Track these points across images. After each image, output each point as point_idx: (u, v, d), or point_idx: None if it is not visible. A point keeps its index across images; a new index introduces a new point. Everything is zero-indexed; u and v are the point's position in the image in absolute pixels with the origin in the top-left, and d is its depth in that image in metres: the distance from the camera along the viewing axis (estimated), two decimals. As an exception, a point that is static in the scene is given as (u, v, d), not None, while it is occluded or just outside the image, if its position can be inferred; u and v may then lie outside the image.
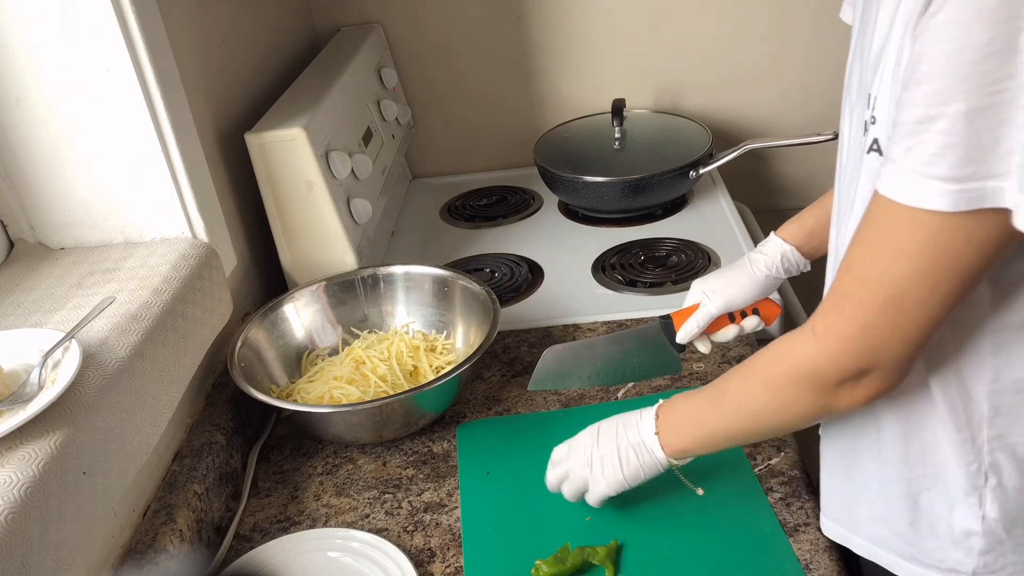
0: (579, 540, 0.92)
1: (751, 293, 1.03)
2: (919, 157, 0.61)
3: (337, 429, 1.09)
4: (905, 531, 0.82)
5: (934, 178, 0.61)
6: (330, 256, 1.30)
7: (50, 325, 0.91)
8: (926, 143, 0.61)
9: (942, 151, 0.60)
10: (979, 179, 0.60)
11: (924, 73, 0.60)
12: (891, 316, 0.68)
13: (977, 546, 0.78)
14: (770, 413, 0.80)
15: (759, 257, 1.04)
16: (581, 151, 1.64)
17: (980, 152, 0.59)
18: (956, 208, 0.61)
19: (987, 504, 0.77)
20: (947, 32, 0.58)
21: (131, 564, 0.89)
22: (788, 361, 0.77)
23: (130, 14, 0.96)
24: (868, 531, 0.86)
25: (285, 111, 1.30)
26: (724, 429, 0.85)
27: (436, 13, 1.74)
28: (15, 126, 1.00)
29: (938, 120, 0.60)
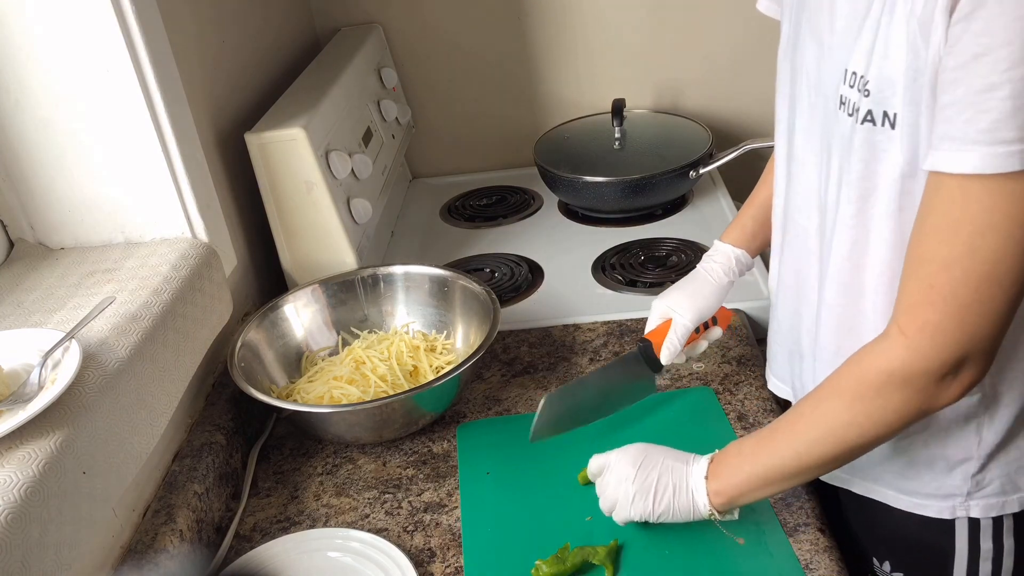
0: (579, 540, 0.92)
1: (715, 300, 1.06)
2: (981, 126, 0.63)
3: (337, 429, 1.09)
4: (903, 469, 0.88)
5: (1002, 142, 0.63)
6: (330, 256, 1.30)
7: (50, 325, 0.91)
8: (990, 111, 0.63)
9: (1009, 114, 0.62)
10: None
11: (982, 47, 0.62)
12: (986, 293, 0.68)
13: (971, 469, 0.85)
14: (858, 429, 0.76)
15: (715, 265, 1.07)
16: (581, 151, 1.64)
17: None
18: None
19: (984, 430, 0.83)
20: (1003, 5, 0.60)
21: (131, 564, 0.89)
22: (877, 368, 0.74)
23: (130, 14, 0.96)
24: (866, 472, 0.91)
25: (285, 111, 1.30)
26: (791, 464, 0.81)
27: (436, 13, 1.74)
28: (15, 126, 1.00)
29: (1002, 87, 0.61)
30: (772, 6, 0.96)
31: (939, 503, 0.88)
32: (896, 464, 0.88)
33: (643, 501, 0.87)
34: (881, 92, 0.72)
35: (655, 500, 0.87)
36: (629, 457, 0.90)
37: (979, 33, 0.62)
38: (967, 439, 0.84)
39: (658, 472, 0.88)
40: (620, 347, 1.24)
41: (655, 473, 0.88)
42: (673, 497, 0.87)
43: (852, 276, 0.83)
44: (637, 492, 0.88)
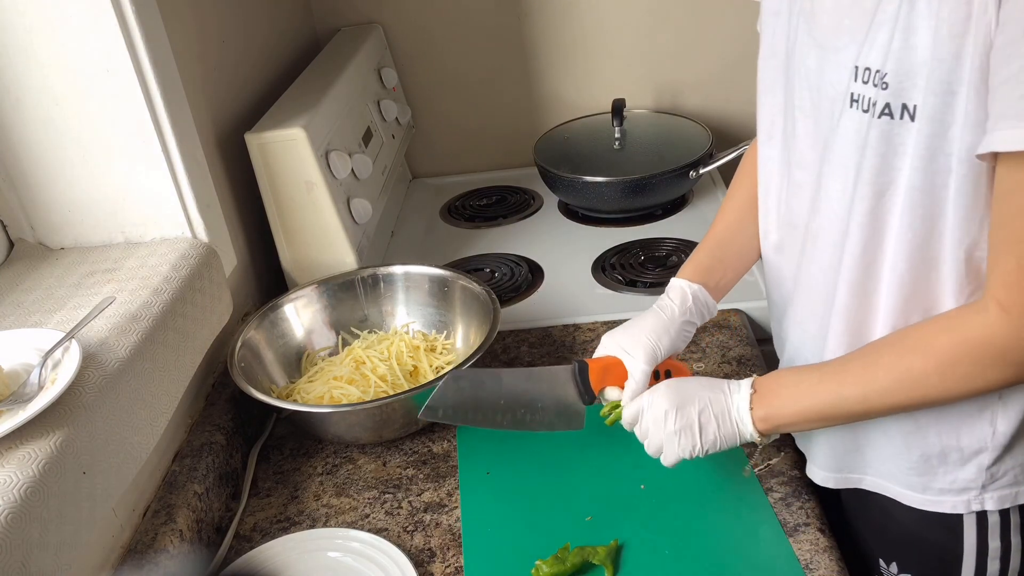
0: (579, 540, 0.92)
1: (668, 340, 0.95)
2: None
3: (337, 429, 1.09)
4: (916, 464, 0.87)
5: None
6: (330, 256, 1.30)
7: (50, 325, 0.91)
8: None
9: None
10: None
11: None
12: None
13: (986, 461, 0.85)
14: (944, 390, 0.77)
15: (667, 302, 0.99)
16: (581, 151, 1.64)
17: None
18: None
19: (998, 420, 0.83)
20: None
21: (131, 564, 0.89)
22: (976, 339, 0.74)
23: (130, 14, 0.96)
24: (877, 469, 0.91)
25: (285, 111, 1.30)
26: (856, 406, 0.81)
27: (436, 13, 1.74)
28: (15, 126, 1.00)
29: None
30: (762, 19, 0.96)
31: (954, 498, 0.88)
32: (910, 459, 0.88)
33: (689, 439, 0.87)
34: (900, 84, 0.72)
35: (701, 436, 0.86)
36: (664, 398, 0.88)
37: None
38: (981, 430, 0.84)
39: (698, 407, 0.86)
40: (620, 347, 1.24)
41: (695, 409, 0.86)
42: (718, 430, 0.86)
43: (865, 275, 0.83)
44: (682, 430, 0.86)
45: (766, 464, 1.01)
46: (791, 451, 1.03)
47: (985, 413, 0.83)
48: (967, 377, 0.76)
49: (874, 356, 0.81)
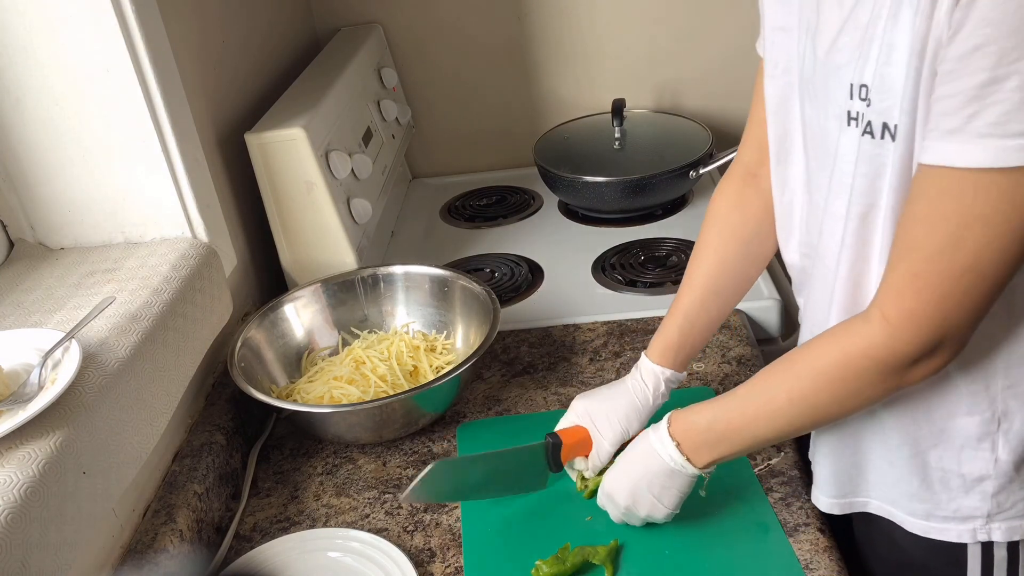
0: (579, 540, 0.92)
1: (638, 424, 0.97)
2: (987, 120, 0.62)
3: (337, 429, 1.09)
4: (918, 490, 0.85)
5: (1010, 135, 0.62)
6: (330, 256, 1.30)
7: (50, 325, 0.91)
8: (997, 104, 0.62)
9: (1018, 106, 0.61)
10: None
11: (983, 38, 0.61)
12: (968, 283, 0.68)
13: (990, 489, 0.82)
14: (838, 404, 0.78)
15: (644, 387, 0.98)
16: (581, 151, 1.64)
17: None
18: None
19: (999, 448, 0.80)
20: None
21: (131, 564, 0.89)
22: (859, 352, 0.75)
23: (130, 14, 0.96)
24: (881, 494, 0.89)
25: (285, 111, 1.30)
26: (772, 430, 0.83)
27: (436, 13, 1.74)
28: (15, 126, 1.00)
29: (1010, 78, 0.61)
30: None
31: (958, 526, 0.84)
32: (911, 484, 0.85)
33: (656, 509, 0.89)
34: (882, 102, 0.71)
35: (663, 501, 0.88)
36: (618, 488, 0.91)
37: (982, 22, 0.61)
38: (982, 457, 0.82)
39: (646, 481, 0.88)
40: (620, 347, 1.24)
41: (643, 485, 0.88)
42: (675, 487, 0.87)
43: (853, 299, 0.82)
44: (646, 506, 0.89)
45: (766, 464, 1.01)
46: (791, 451, 1.03)
47: (985, 441, 0.81)
48: (856, 392, 0.76)
49: (773, 385, 0.82)
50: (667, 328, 0.99)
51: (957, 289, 0.69)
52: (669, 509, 0.89)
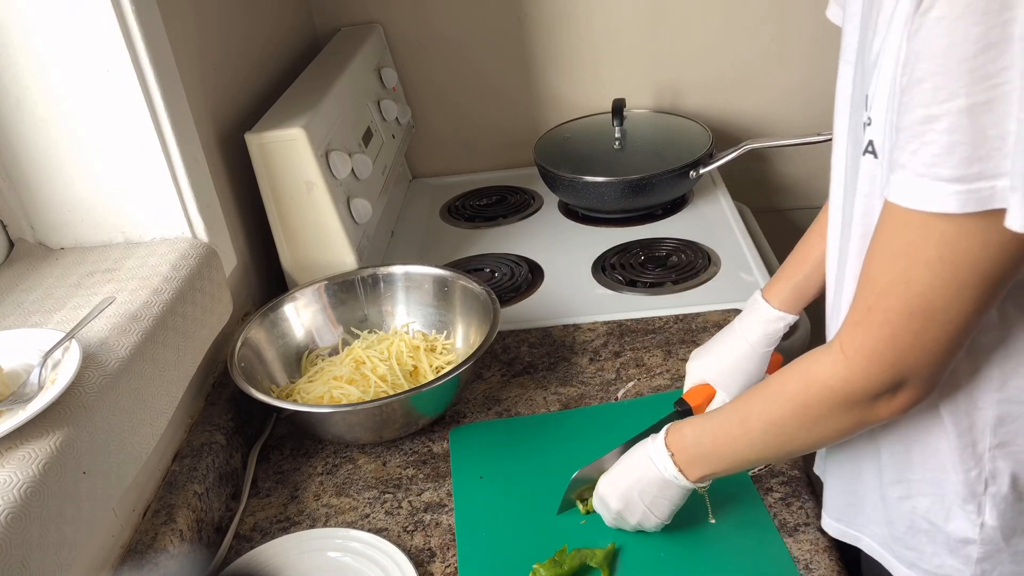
0: (575, 543, 0.91)
1: (759, 372, 0.98)
2: (923, 159, 0.60)
3: (337, 429, 1.09)
4: (904, 535, 0.82)
5: (940, 179, 0.59)
6: (330, 256, 1.30)
7: (50, 325, 0.91)
8: (930, 144, 0.59)
9: (947, 150, 0.58)
10: (986, 178, 0.58)
11: (923, 72, 0.58)
12: (919, 325, 0.66)
13: (975, 554, 0.77)
14: (805, 432, 0.77)
15: (759, 335, 0.98)
16: (581, 151, 1.64)
17: (985, 150, 0.57)
18: (964, 209, 0.59)
19: (986, 512, 0.76)
20: (940, 28, 0.57)
21: (131, 564, 0.89)
22: (819, 382, 0.74)
23: (130, 14, 0.96)
24: (873, 532, 0.86)
25: (285, 111, 1.30)
26: (753, 451, 0.82)
27: (436, 13, 1.74)
28: (15, 126, 1.00)
29: (941, 119, 0.58)
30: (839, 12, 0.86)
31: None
32: (898, 528, 0.82)
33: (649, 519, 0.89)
34: (878, 119, 0.68)
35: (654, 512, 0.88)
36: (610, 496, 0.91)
37: (921, 55, 0.58)
38: (967, 518, 0.77)
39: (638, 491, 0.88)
40: (620, 347, 1.24)
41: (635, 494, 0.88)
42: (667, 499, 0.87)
43: None
44: (639, 516, 0.89)
45: (766, 464, 1.01)
46: (791, 451, 1.03)
47: (971, 503, 0.76)
48: (821, 420, 0.75)
49: (749, 406, 0.81)
50: (790, 270, 0.99)
51: (907, 331, 0.67)
52: (659, 519, 0.89)
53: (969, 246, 0.61)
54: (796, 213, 1.90)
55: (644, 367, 1.20)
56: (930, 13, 0.57)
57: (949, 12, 0.56)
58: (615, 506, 0.90)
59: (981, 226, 0.60)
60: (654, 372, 1.19)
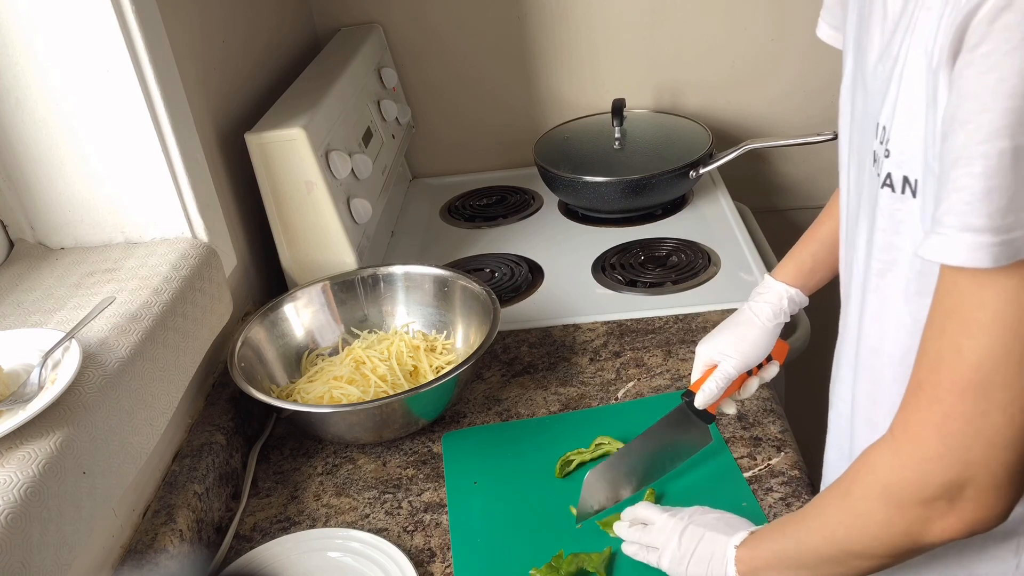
0: (571, 548, 0.91)
1: (765, 346, 0.96)
2: (954, 207, 0.54)
3: (337, 429, 1.09)
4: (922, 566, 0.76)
5: (970, 230, 0.53)
6: (330, 256, 1.30)
7: (50, 325, 0.91)
8: (962, 189, 0.53)
9: (980, 197, 0.53)
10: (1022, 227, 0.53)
11: (966, 112, 0.53)
12: (973, 405, 0.57)
13: None
14: (845, 529, 0.67)
15: (765, 307, 0.96)
16: (581, 151, 1.64)
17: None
18: (997, 263, 0.53)
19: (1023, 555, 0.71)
20: (989, 64, 0.51)
21: (131, 564, 0.89)
22: (867, 467, 0.65)
23: (130, 14, 0.96)
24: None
25: (285, 111, 1.30)
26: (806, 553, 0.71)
27: (436, 13, 1.74)
28: (15, 126, 1.00)
29: (976, 161, 0.52)
30: (835, 34, 0.85)
31: None
32: (931, 572, 0.76)
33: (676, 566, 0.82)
34: (902, 153, 0.63)
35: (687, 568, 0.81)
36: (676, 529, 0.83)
37: (964, 95, 0.53)
38: (1003, 559, 0.71)
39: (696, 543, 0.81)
40: (620, 347, 1.24)
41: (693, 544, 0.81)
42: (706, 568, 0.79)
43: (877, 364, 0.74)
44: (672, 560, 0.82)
45: (766, 464, 1.01)
46: (791, 451, 1.03)
47: (1010, 541, 0.71)
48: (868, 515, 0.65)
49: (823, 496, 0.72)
50: (800, 251, 0.97)
51: (960, 411, 0.58)
52: None
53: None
54: (796, 213, 1.90)
55: (644, 367, 1.20)
56: (979, 49, 0.52)
57: (1001, 46, 0.51)
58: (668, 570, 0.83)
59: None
60: (654, 372, 1.19)
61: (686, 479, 1.00)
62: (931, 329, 0.60)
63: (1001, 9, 0.50)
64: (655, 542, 0.85)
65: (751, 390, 0.99)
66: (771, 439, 1.05)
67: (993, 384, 0.56)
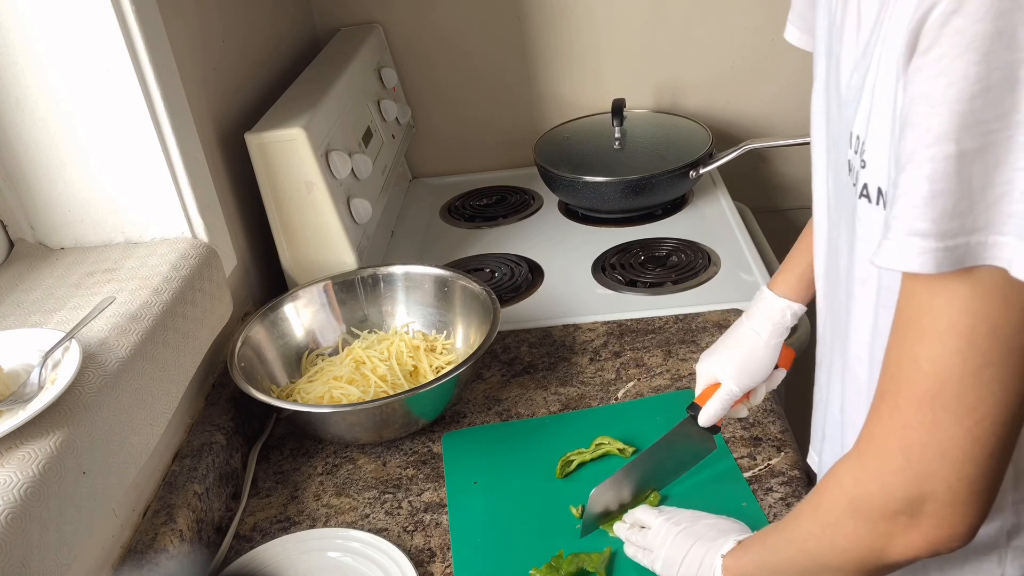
0: (571, 548, 0.91)
1: (769, 363, 0.95)
2: (901, 211, 0.53)
3: (337, 429, 1.09)
4: None
5: (916, 234, 0.53)
6: (330, 256, 1.30)
7: (50, 325, 0.91)
8: (908, 194, 0.53)
9: (926, 201, 0.52)
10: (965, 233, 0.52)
11: (916, 115, 0.52)
12: (930, 416, 0.56)
13: None
14: (816, 541, 0.67)
15: (766, 325, 0.95)
16: (581, 151, 1.64)
17: (968, 203, 0.51)
18: (940, 269, 0.52)
19: (1007, 566, 0.71)
20: (939, 68, 0.51)
21: (131, 564, 0.89)
22: (835, 480, 0.65)
23: (130, 14, 0.96)
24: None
25: (285, 111, 1.30)
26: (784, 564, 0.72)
27: (436, 13, 1.74)
28: (15, 126, 1.00)
29: (923, 164, 0.52)
30: (804, 37, 0.84)
31: None
32: None
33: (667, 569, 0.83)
34: (876, 163, 0.62)
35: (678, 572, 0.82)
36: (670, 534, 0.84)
37: (914, 99, 0.52)
38: (989, 571, 0.71)
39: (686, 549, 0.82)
40: (620, 347, 1.24)
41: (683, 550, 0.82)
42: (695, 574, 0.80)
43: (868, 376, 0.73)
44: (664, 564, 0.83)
45: (766, 464, 1.01)
46: (791, 451, 1.03)
47: (992, 554, 0.71)
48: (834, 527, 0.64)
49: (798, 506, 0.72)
50: (796, 261, 0.96)
51: (919, 420, 0.56)
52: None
53: (986, 312, 0.53)
54: (796, 213, 1.90)
55: (644, 367, 1.20)
56: (930, 53, 0.51)
57: (950, 50, 0.50)
58: None
59: (999, 284, 0.52)
60: (654, 372, 1.19)
61: (687, 480, 1.00)
62: (892, 338, 0.59)
63: (951, 14, 0.50)
64: (651, 545, 0.86)
65: (759, 398, 1.00)
66: (771, 439, 1.05)
67: (948, 393, 0.55)
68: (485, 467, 1.06)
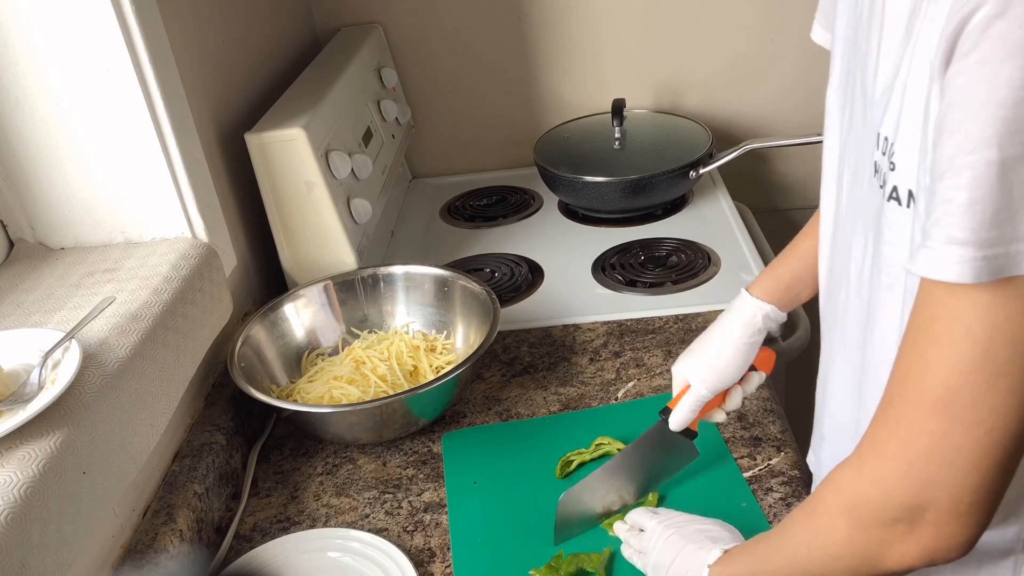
0: (571, 548, 0.91)
1: (739, 365, 0.93)
2: (937, 219, 0.52)
3: (337, 429, 1.09)
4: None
5: (953, 243, 0.51)
6: (330, 256, 1.30)
7: (50, 325, 0.91)
8: (946, 202, 0.51)
9: (964, 209, 0.51)
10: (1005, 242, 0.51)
11: (956, 121, 0.51)
12: (937, 423, 0.55)
13: None
14: (806, 549, 0.65)
15: (737, 326, 0.93)
16: (581, 151, 1.64)
17: (1009, 211, 0.50)
18: (978, 279, 0.51)
19: (1022, 569, 0.70)
20: (981, 71, 0.49)
21: (131, 564, 0.89)
22: (833, 483, 0.63)
23: (130, 14, 0.96)
24: None
25: (285, 111, 1.30)
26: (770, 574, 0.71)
27: (436, 13, 1.74)
28: (15, 126, 1.00)
29: (963, 172, 0.50)
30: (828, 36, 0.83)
31: None
32: None
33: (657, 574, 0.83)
34: (906, 166, 0.61)
35: None
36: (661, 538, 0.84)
37: (952, 105, 0.51)
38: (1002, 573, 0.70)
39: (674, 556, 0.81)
40: (620, 347, 1.24)
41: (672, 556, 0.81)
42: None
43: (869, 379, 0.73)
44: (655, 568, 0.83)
45: (766, 464, 1.01)
46: (791, 451, 1.03)
47: (1008, 559, 0.69)
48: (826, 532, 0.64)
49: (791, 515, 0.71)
50: (778, 267, 0.94)
51: (924, 427, 0.55)
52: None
53: (1007, 320, 0.52)
54: (796, 213, 1.90)
55: (644, 367, 1.20)
56: (971, 57, 0.50)
57: (993, 55, 0.49)
58: None
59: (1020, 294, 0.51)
60: (654, 372, 1.19)
61: (687, 480, 1.00)
62: (905, 342, 0.57)
63: (995, 17, 0.48)
64: (644, 547, 0.86)
65: (736, 402, 0.96)
66: (771, 439, 1.05)
67: (959, 402, 0.54)
68: (485, 467, 1.06)
